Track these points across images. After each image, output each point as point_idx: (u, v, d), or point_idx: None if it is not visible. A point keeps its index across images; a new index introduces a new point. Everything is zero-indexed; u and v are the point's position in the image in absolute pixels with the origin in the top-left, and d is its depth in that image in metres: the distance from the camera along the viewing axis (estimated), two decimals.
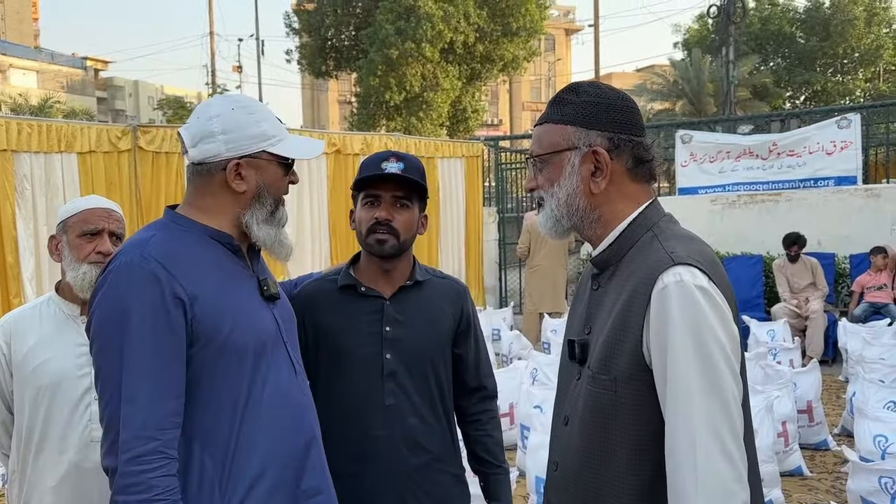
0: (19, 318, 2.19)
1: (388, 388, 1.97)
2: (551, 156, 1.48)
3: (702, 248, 1.40)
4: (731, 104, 20.41)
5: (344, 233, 9.15)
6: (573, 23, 61.33)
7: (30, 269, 6.56)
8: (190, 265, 1.59)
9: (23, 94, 34.32)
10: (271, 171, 1.70)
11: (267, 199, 1.70)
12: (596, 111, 1.45)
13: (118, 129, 7.43)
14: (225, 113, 1.68)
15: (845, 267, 9.05)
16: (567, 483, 1.46)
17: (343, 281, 2.05)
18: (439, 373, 2.06)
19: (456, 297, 2.13)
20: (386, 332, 1.99)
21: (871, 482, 3.68)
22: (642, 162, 1.47)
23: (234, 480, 1.58)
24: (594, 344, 1.43)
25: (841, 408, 6.02)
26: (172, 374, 1.52)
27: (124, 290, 1.53)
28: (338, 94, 50.82)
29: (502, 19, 22.74)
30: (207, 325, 1.56)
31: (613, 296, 1.41)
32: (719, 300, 1.31)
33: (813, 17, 31.52)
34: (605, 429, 1.37)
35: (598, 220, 1.46)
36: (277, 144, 1.69)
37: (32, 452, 2.11)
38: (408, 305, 2.03)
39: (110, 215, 2.22)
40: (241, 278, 1.70)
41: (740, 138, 10.72)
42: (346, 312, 2.02)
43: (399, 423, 1.97)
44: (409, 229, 2.01)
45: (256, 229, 1.69)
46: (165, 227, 1.67)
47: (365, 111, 23.09)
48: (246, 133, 1.66)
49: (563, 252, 8.61)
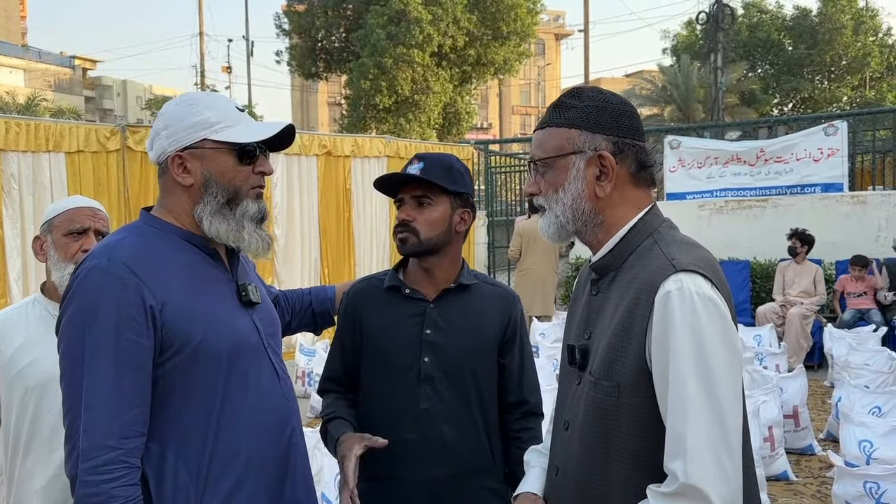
0: (5, 320, 2.18)
1: (424, 393, 1.94)
2: (555, 160, 1.47)
3: (703, 254, 1.39)
4: (720, 110, 20.56)
5: (334, 234, 9.14)
6: (563, 27, 61.56)
7: (16, 269, 6.52)
8: (160, 269, 1.55)
9: (10, 92, 34.09)
10: (219, 160, 1.62)
11: (216, 190, 1.62)
12: (600, 115, 1.45)
13: (107, 128, 7.39)
14: (168, 110, 1.67)
15: (831, 273, 9.11)
16: (567, 488, 1.46)
17: (389, 282, 2.04)
18: (480, 381, 1.99)
19: (504, 304, 2.07)
20: (426, 335, 1.96)
21: (857, 487, 3.71)
22: (644, 167, 1.47)
23: (210, 490, 1.56)
24: (595, 349, 1.43)
25: (827, 413, 6.06)
26: (136, 381, 1.49)
27: (90, 294, 1.50)
28: (327, 96, 50.77)
29: (493, 23, 22.79)
30: (178, 332, 1.53)
31: (614, 302, 1.41)
32: (723, 308, 1.31)
33: (801, 24, 31.74)
34: (606, 434, 1.37)
35: (601, 224, 1.46)
36: (222, 131, 1.61)
37: (21, 454, 2.09)
38: (451, 309, 2.00)
39: (96, 214, 2.21)
40: (216, 282, 1.66)
41: (728, 144, 10.79)
42: (390, 314, 2.00)
43: (432, 428, 1.93)
44: (432, 227, 1.95)
45: (207, 224, 1.61)
46: (138, 230, 1.64)
47: (355, 113, 23.08)
48: (184, 124, 1.61)
49: (553, 256, 8.62)
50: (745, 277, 9.13)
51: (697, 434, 1.24)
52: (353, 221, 9.42)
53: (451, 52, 22.46)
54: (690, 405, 1.25)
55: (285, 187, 8.46)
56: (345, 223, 9.33)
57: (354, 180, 9.41)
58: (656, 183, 1.52)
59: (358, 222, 9.47)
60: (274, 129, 1.67)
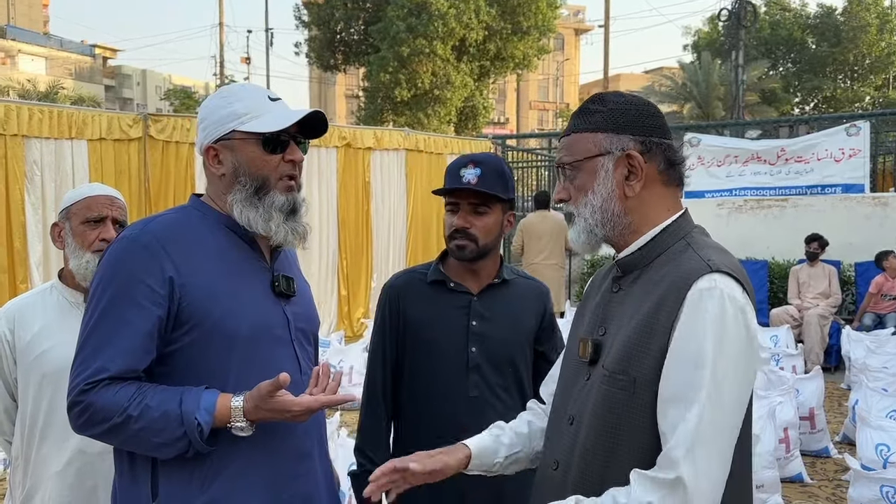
0: (23, 306, 2.20)
1: (473, 381, 2.05)
2: (583, 162, 1.47)
3: (733, 261, 1.41)
4: (740, 108, 20.40)
5: (352, 226, 9.16)
6: (583, 23, 61.24)
7: (37, 254, 6.59)
8: (190, 247, 1.59)
9: (31, 80, 34.38)
10: (247, 151, 1.66)
11: (245, 180, 1.66)
12: (625, 117, 1.46)
13: (129, 117, 7.44)
14: (205, 104, 1.73)
15: (850, 275, 9.03)
16: (566, 482, 1.45)
17: (433, 276, 2.14)
18: (519, 369, 2.12)
19: (538, 297, 2.21)
20: (472, 326, 2.07)
21: (873, 491, 3.68)
22: (673, 164, 1.48)
23: (212, 472, 1.56)
24: (609, 344, 1.43)
25: (843, 415, 6.02)
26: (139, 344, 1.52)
27: (113, 257, 1.57)
28: (345, 89, 50.83)
29: (513, 17, 22.71)
30: (196, 307, 1.55)
31: (638, 299, 1.41)
32: (749, 316, 1.32)
33: (824, 22, 31.44)
34: (615, 429, 1.37)
35: (629, 225, 1.46)
36: (249, 122, 1.65)
37: (37, 439, 2.11)
38: (494, 302, 2.11)
39: (113, 202, 2.22)
40: (248, 269, 1.68)
41: (748, 143, 10.70)
42: (435, 306, 2.10)
43: (482, 414, 2.00)
44: (489, 233, 2.06)
45: (238, 212, 1.66)
46: (183, 210, 1.71)
47: (372, 106, 23.09)
48: (217, 116, 1.67)
49: (558, 252, 8.61)
50: (762, 278, 9.06)
51: (692, 429, 1.25)
52: (372, 214, 9.44)
53: (471, 46, 22.41)
54: (696, 402, 1.26)
55: (304, 178, 8.48)
56: (363, 215, 9.35)
57: (373, 173, 9.43)
58: (684, 181, 1.52)
59: (376, 215, 9.49)
60: (295, 116, 1.69)
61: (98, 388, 1.48)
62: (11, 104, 6.61)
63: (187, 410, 1.48)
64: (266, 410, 1.52)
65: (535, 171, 14.38)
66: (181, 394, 1.51)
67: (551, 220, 8.59)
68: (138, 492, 1.55)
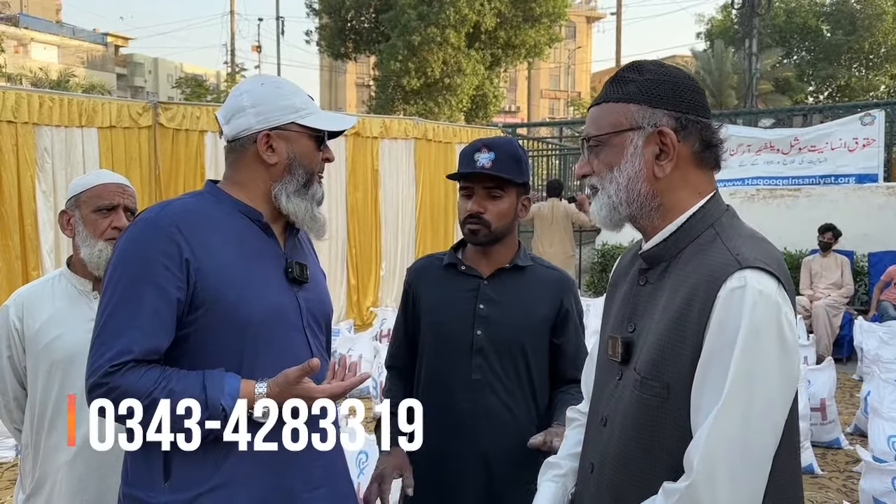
0: (31, 294, 2.19)
1: (476, 364, 2.04)
2: (611, 136, 1.35)
3: (768, 249, 1.29)
4: (753, 97, 20.25)
5: (361, 215, 9.16)
6: (595, 10, 60.83)
7: (49, 242, 6.62)
8: (206, 232, 1.60)
9: (43, 68, 34.49)
10: (302, 144, 1.71)
11: (298, 172, 1.71)
12: (661, 89, 1.34)
13: (139, 105, 7.45)
14: (254, 89, 1.73)
15: (863, 265, 8.95)
16: (602, 486, 1.39)
17: (447, 260, 2.16)
18: (529, 359, 2.07)
19: (558, 286, 2.15)
20: (479, 309, 2.07)
21: (885, 483, 3.66)
22: (710, 146, 1.36)
23: (225, 452, 1.56)
24: (641, 345, 1.34)
25: (855, 407, 5.98)
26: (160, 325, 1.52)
27: (130, 238, 1.58)
28: (355, 77, 50.74)
29: (524, 5, 22.58)
30: (211, 291, 1.56)
31: (667, 295, 1.31)
32: (786, 309, 1.22)
33: (840, 10, 31.09)
34: (650, 436, 1.29)
35: (658, 208, 1.35)
36: (307, 117, 1.71)
37: (46, 427, 2.11)
38: (505, 287, 2.10)
39: (124, 190, 2.21)
40: (263, 255, 1.68)
41: (761, 132, 10.62)
42: (446, 288, 2.13)
43: (482, 398, 2.02)
44: (502, 218, 2.05)
45: (286, 201, 1.69)
46: (199, 195, 1.72)
47: (383, 95, 23.04)
48: (275, 105, 1.69)
49: (568, 241, 8.61)
50: None
51: (719, 441, 1.17)
52: (381, 203, 9.43)
53: (482, 33, 22.30)
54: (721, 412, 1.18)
55: None
56: (372, 204, 9.34)
57: (382, 162, 9.41)
58: (721, 165, 1.40)
59: (385, 203, 9.48)
60: (349, 122, 1.80)
61: (123, 371, 1.48)
62: (22, 92, 6.63)
63: (213, 396, 1.50)
64: (292, 397, 1.55)
65: (546, 160, 14.32)
66: (203, 378, 1.52)
67: (562, 209, 8.62)
68: (150, 473, 1.56)
